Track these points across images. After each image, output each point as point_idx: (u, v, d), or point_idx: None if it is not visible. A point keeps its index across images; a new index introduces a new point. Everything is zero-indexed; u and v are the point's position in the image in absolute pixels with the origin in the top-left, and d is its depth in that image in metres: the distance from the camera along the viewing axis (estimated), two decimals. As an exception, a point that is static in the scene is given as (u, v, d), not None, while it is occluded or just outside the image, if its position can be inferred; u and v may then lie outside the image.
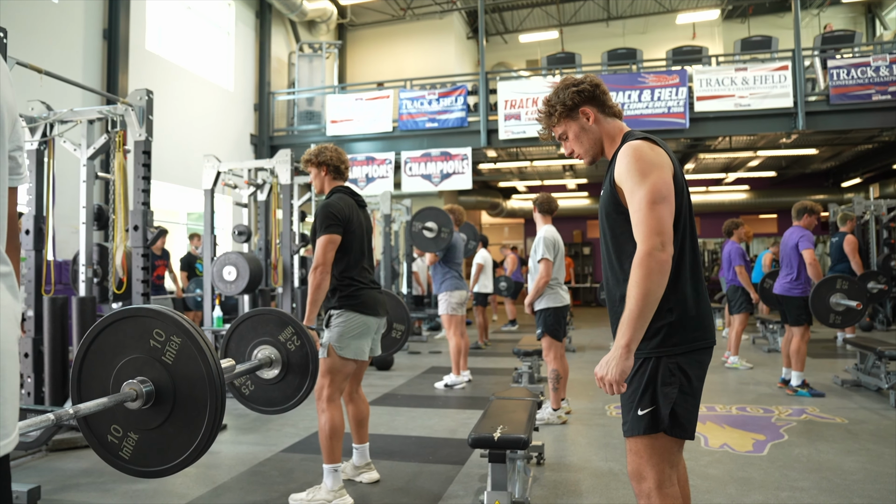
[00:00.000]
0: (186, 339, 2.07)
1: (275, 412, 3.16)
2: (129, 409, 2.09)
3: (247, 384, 3.14)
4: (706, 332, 1.91)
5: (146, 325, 2.11)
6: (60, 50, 8.24)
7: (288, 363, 3.05)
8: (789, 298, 5.77)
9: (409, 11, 15.77)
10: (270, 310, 3.14)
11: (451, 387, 6.37)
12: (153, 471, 2.15)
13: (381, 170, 12.26)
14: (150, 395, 2.07)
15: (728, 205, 17.95)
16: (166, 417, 2.09)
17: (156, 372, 2.08)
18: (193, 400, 2.07)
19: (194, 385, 2.07)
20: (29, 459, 3.99)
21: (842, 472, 3.60)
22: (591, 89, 2.06)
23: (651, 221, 1.76)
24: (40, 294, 4.30)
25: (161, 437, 2.12)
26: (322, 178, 3.50)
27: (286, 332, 3.04)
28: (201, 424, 2.08)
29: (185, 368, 2.07)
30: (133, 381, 2.06)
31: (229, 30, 12.34)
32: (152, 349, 2.09)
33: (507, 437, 2.76)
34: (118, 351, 2.13)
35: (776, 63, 10.96)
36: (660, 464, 1.85)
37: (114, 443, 2.16)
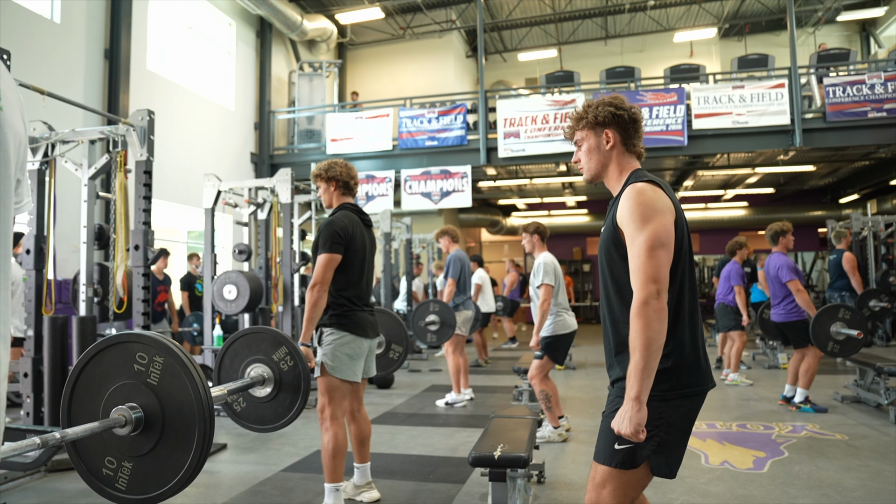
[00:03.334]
0: (169, 358, 2.08)
1: (266, 430, 3.16)
2: (120, 437, 2.09)
3: (238, 401, 3.15)
4: (703, 377, 1.91)
5: (129, 349, 2.12)
6: (62, 70, 8.31)
7: (280, 382, 3.06)
8: (790, 324, 5.75)
9: (409, 30, 15.91)
10: (265, 328, 3.15)
11: (451, 405, 6.35)
12: (152, 497, 2.13)
13: (381, 188, 12.31)
14: (140, 420, 2.08)
15: (727, 221, 18.00)
16: (157, 440, 2.09)
17: (143, 397, 2.09)
18: (182, 418, 2.07)
19: (181, 403, 2.07)
20: (28, 480, 3.98)
21: (842, 489, 3.59)
22: (626, 119, 2.05)
23: (648, 269, 1.78)
24: (40, 313, 4.30)
25: (155, 461, 2.11)
26: (331, 193, 3.51)
27: (280, 352, 3.05)
28: (192, 441, 2.08)
29: (171, 387, 2.08)
30: (122, 407, 2.07)
31: (230, 49, 12.44)
32: (137, 373, 2.10)
33: (507, 456, 2.76)
34: (105, 381, 2.13)
35: (773, 81, 11.04)
36: (622, 499, 1.84)
37: (109, 475, 2.15)
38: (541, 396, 4.80)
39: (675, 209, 1.91)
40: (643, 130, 2.10)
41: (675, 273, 1.88)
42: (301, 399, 3.02)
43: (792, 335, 5.79)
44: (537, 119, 11.54)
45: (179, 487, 2.12)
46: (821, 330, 5.61)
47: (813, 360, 5.70)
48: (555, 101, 11.65)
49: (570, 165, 13.34)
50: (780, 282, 5.71)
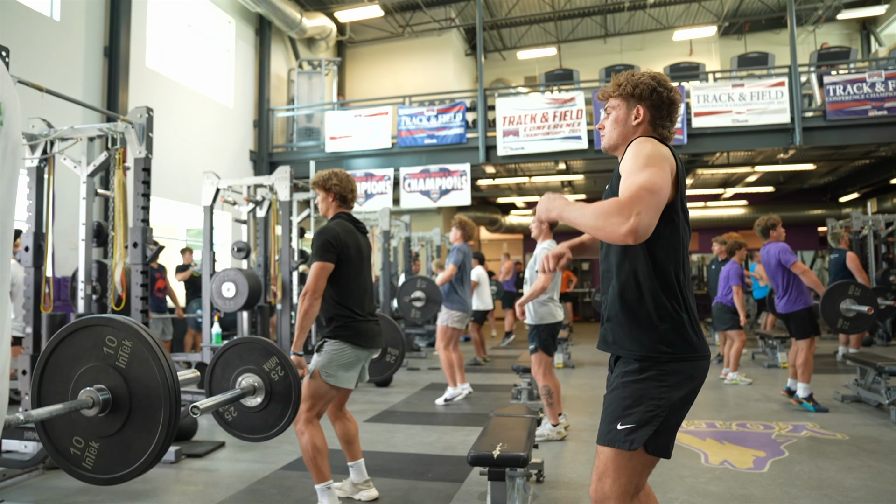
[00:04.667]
0: (137, 342, 2.11)
1: (257, 440, 3.16)
2: (88, 418, 2.11)
3: (230, 410, 3.15)
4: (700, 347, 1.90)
5: (99, 333, 2.15)
6: (61, 67, 8.28)
7: (271, 392, 3.06)
8: (795, 314, 5.73)
9: (408, 28, 15.89)
10: (256, 339, 3.16)
11: (450, 401, 6.35)
12: (116, 476, 2.16)
13: (379, 186, 12.30)
14: (107, 402, 2.11)
15: (726, 220, 17.97)
16: (124, 422, 2.12)
17: (111, 379, 2.11)
18: (149, 400, 2.10)
19: (149, 386, 2.10)
20: (26, 478, 3.97)
21: (843, 489, 3.58)
22: (664, 98, 1.98)
23: (635, 193, 1.68)
24: (39, 311, 4.29)
25: (121, 443, 2.13)
26: (328, 203, 3.49)
27: (271, 362, 3.05)
28: (158, 424, 2.10)
29: (138, 370, 2.10)
30: (90, 388, 2.10)
31: (229, 47, 12.42)
32: (106, 356, 2.13)
33: (506, 455, 2.75)
34: (75, 363, 2.17)
35: (773, 79, 11.03)
36: (625, 484, 1.83)
37: (76, 455, 2.19)
38: (543, 392, 4.79)
39: (679, 172, 1.88)
40: (675, 112, 2.02)
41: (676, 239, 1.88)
42: (292, 409, 3.02)
43: (796, 325, 5.76)
44: (536, 117, 11.52)
45: (145, 468, 2.14)
46: (830, 307, 5.61)
47: (807, 353, 5.69)
48: (554, 99, 11.63)
49: (569, 164, 13.34)
50: (781, 271, 5.68)
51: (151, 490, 3.76)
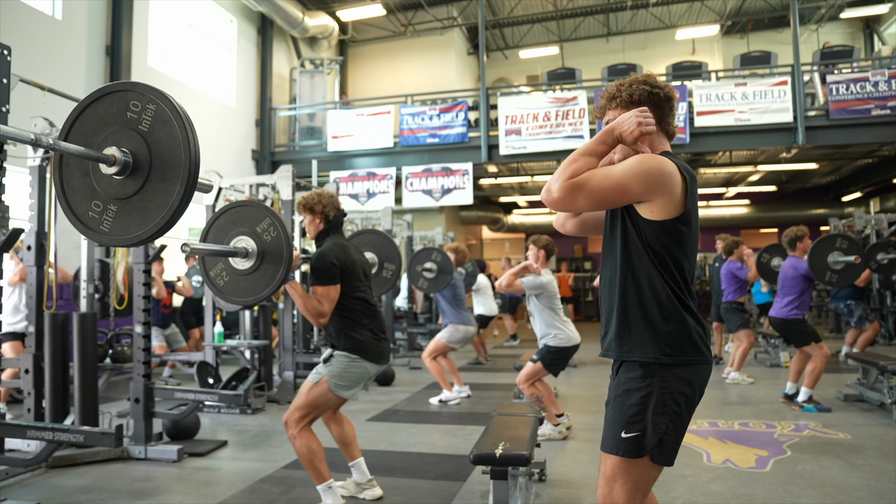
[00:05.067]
0: (161, 104, 2.10)
1: (249, 302, 3.17)
2: (107, 180, 2.13)
3: (221, 275, 3.16)
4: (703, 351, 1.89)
5: (123, 98, 2.14)
6: (63, 66, 8.29)
7: (263, 253, 3.07)
8: (787, 322, 5.72)
9: (410, 27, 15.88)
10: (250, 201, 3.17)
11: (445, 402, 6.34)
12: (133, 237, 2.16)
13: (381, 185, 12.30)
14: (128, 164, 2.10)
15: (729, 219, 17.96)
16: (143, 183, 2.12)
17: (134, 142, 2.11)
18: (169, 161, 2.10)
19: (170, 145, 2.10)
20: (28, 476, 3.97)
21: (845, 489, 3.58)
22: (662, 97, 1.99)
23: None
24: (41, 310, 4.29)
25: (139, 204, 2.14)
26: (316, 225, 3.49)
27: (264, 223, 3.07)
28: (176, 183, 2.09)
29: (160, 133, 2.10)
30: (112, 147, 2.10)
31: (231, 46, 12.42)
32: (130, 120, 2.13)
33: (508, 454, 2.75)
34: (99, 128, 2.17)
35: (775, 78, 11.02)
36: (633, 491, 1.82)
37: (94, 217, 2.21)
38: (531, 399, 4.79)
39: (689, 188, 1.87)
40: (676, 109, 2.05)
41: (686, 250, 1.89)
42: (284, 267, 3.02)
43: (791, 334, 5.77)
44: (539, 116, 11.52)
45: (160, 231, 2.13)
46: (818, 260, 5.63)
47: (820, 362, 5.64)
48: (556, 98, 11.63)
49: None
50: (801, 285, 5.68)
51: (154, 489, 3.77)
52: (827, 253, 5.63)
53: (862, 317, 8.39)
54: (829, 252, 5.63)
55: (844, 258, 5.54)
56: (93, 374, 4.53)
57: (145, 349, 4.45)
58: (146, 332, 4.49)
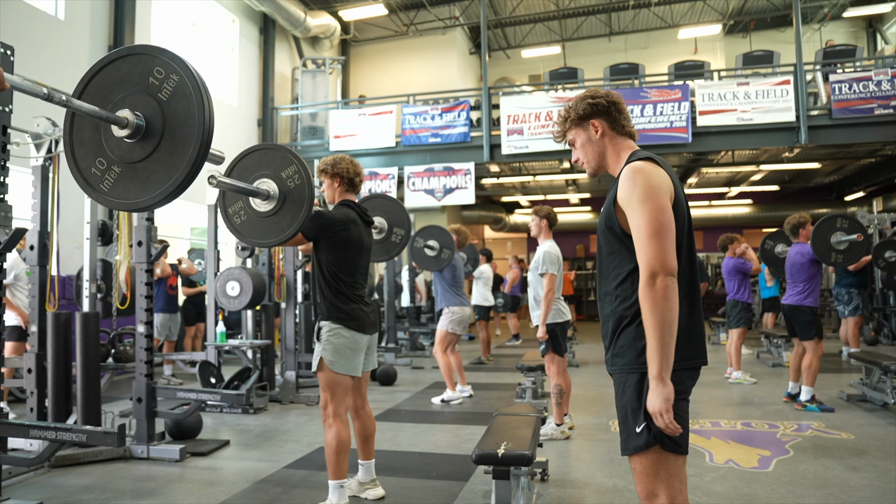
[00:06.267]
0: (185, 77, 2.08)
1: (263, 244, 3.17)
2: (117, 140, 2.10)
3: (239, 213, 3.14)
4: (697, 352, 1.92)
5: (148, 62, 2.12)
6: (66, 66, 8.30)
7: (285, 198, 3.06)
8: (799, 309, 5.71)
9: (412, 27, 15.88)
10: (278, 146, 3.16)
11: (447, 402, 6.34)
12: (130, 203, 2.15)
13: (384, 185, 12.31)
14: (140, 128, 2.07)
15: (731, 219, 17.93)
16: (151, 151, 2.09)
17: (150, 108, 2.09)
18: (181, 137, 2.07)
19: (184, 123, 2.07)
20: (31, 476, 3.98)
21: (848, 489, 3.57)
22: (606, 105, 2.09)
23: (650, 251, 1.80)
24: (44, 309, 4.30)
25: (143, 172, 2.11)
26: (335, 189, 3.49)
27: (289, 170, 3.05)
28: (183, 161, 2.07)
29: (178, 105, 2.07)
30: (126, 109, 2.07)
31: (233, 46, 12.43)
32: (150, 86, 2.10)
33: (510, 454, 2.75)
34: (118, 87, 2.14)
35: (778, 77, 11.00)
36: (668, 479, 1.84)
37: (96, 175, 2.18)
38: (555, 390, 4.79)
39: (674, 186, 1.92)
40: (627, 110, 2.13)
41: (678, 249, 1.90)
42: (304, 211, 3.01)
43: (799, 322, 5.74)
44: (541, 116, 11.51)
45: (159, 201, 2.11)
46: (821, 243, 5.63)
47: (814, 357, 5.67)
48: (558, 97, 11.62)
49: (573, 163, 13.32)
50: (807, 271, 5.68)
51: (156, 488, 3.77)
52: (829, 234, 5.63)
53: (857, 307, 8.42)
54: (830, 233, 5.63)
55: (847, 237, 5.55)
56: (95, 374, 4.53)
57: (148, 349, 4.45)
58: (148, 331, 4.49)
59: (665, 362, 1.77)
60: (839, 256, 5.67)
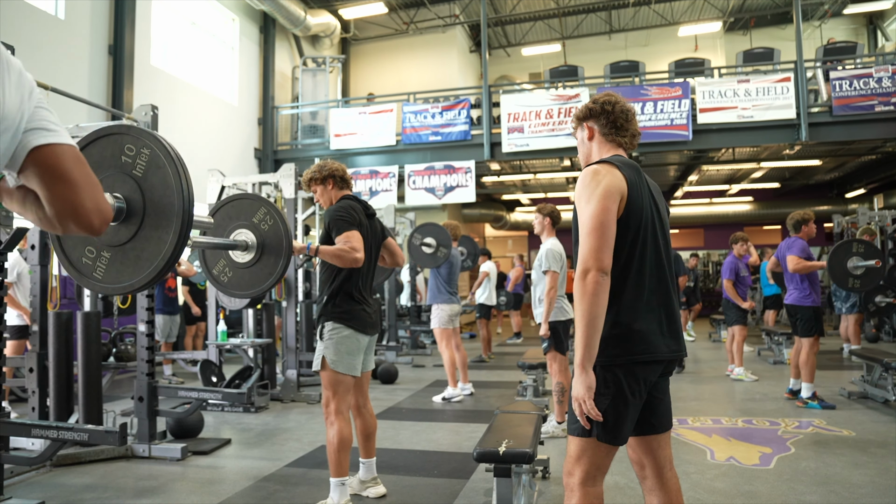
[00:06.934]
0: (155, 149, 2.09)
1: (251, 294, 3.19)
2: None
3: (224, 272, 3.16)
4: (650, 347, 1.97)
5: (118, 141, 2.12)
6: (66, 66, 8.30)
7: (263, 245, 3.08)
8: (801, 308, 5.72)
9: (412, 25, 15.87)
10: (245, 193, 3.20)
11: (448, 400, 6.34)
12: (125, 285, 2.15)
13: (384, 183, 12.30)
14: (122, 210, 2.08)
15: (732, 216, 17.92)
16: (137, 230, 2.10)
17: (127, 187, 2.09)
18: (162, 206, 2.08)
19: (163, 192, 2.08)
20: (34, 475, 3.99)
21: (849, 486, 3.57)
22: (598, 110, 2.20)
23: (586, 247, 1.91)
24: (45, 308, 4.30)
25: (132, 252, 2.12)
26: (329, 192, 3.48)
27: (259, 213, 3.07)
28: (170, 231, 2.08)
29: (154, 179, 2.08)
30: (106, 193, 2.08)
31: (233, 45, 12.42)
32: (124, 164, 2.10)
33: (512, 452, 2.75)
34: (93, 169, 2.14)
35: (779, 75, 10.98)
36: (587, 464, 1.98)
37: (87, 263, 2.18)
38: (556, 388, 4.78)
39: (631, 187, 2.00)
40: (624, 121, 2.20)
41: (623, 246, 1.98)
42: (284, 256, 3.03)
43: (802, 321, 5.74)
44: (541, 114, 11.50)
45: (152, 280, 2.12)
46: (839, 268, 5.61)
47: (810, 353, 5.69)
48: (559, 95, 11.61)
49: (573, 160, 13.32)
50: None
51: (158, 487, 3.77)
52: (846, 259, 5.60)
53: (856, 303, 8.43)
54: (847, 258, 5.60)
55: (864, 263, 5.52)
56: (97, 373, 4.54)
57: (149, 348, 4.46)
58: (150, 330, 4.50)
59: (587, 352, 1.87)
60: (856, 281, 5.65)
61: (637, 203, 2.00)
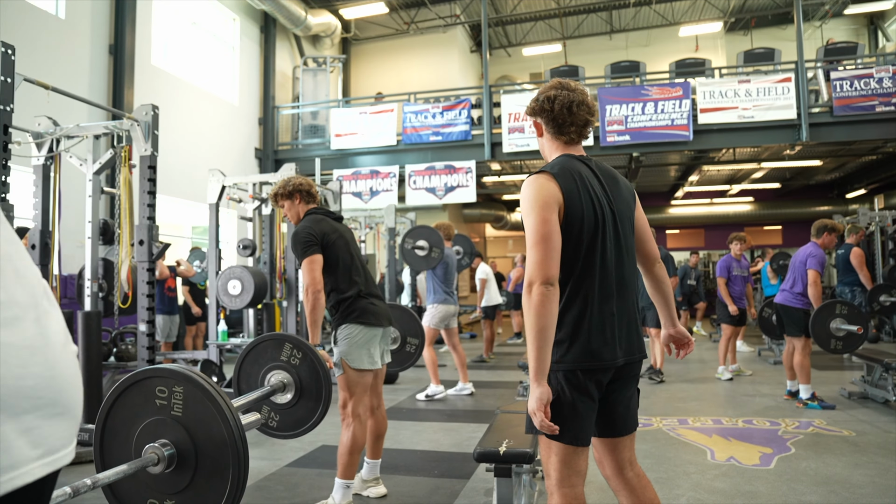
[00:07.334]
0: (186, 384, 2.05)
1: (304, 432, 3.20)
2: (156, 476, 2.04)
3: (272, 418, 3.17)
4: (596, 355, 1.95)
5: (146, 387, 2.09)
6: (67, 65, 8.31)
7: (300, 379, 3.09)
8: (789, 309, 5.73)
9: (413, 25, 15.87)
10: (263, 336, 3.20)
11: (431, 398, 6.36)
12: None
13: (385, 183, 12.30)
14: (173, 457, 2.03)
15: (732, 216, 17.93)
16: (194, 472, 2.05)
17: (172, 431, 2.05)
18: (213, 443, 2.03)
19: (209, 427, 2.03)
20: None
21: (850, 486, 3.57)
22: (538, 107, 2.14)
23: (529, 260, 1.90)
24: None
25: (196, 493, 2.06)
26: (296, 206, 3.51)
27: (286, 351, 3.07)
28: (228, 466, 2.03)
29: (195, 414, 2.04)
30: (153, 444, 2.03)
31: (234, 45, 12.43)
32: (161, 408, 2.07)
33: (512, 452, 2.75)
34: (131, 422, 2.09)
35: (779, 75, 10.98)
36: (558, 464, 1.96)
37: None
38: None
39: (567, 194, 1.95)
40: (568, 115, 2.10)
41: (568, 253, 1.96)
42: (323, 378, 3.06)
43: (788, 320, 5.76)
44: (542, 114, 11.47)
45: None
46: (821, 328, 5.59)
47: (803, 355, 5.69)
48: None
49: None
50: (805, 268, 5.66)
51: (158, 486, 3.77)
52: (829, 320, 5.58)
53: (861, 304, 8.41)
54: (830, 319, 5.58)
55: (846, 327, 5.52)
56: (97, 373, 4.53)
57: (150, 347, 4.46)
58: (150, 330, 4.50)
59: (539, 365, 1.85)
60: (838, 343, 5.63)
61: (576, 211, 1.95)
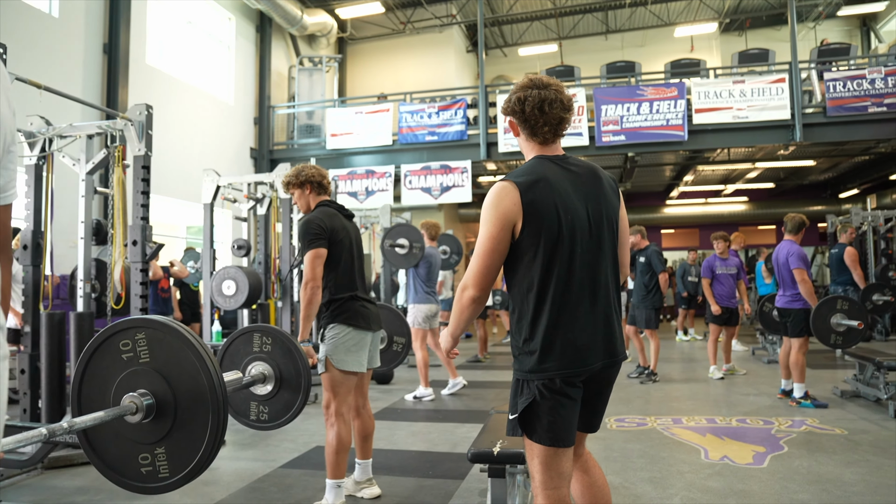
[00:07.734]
0: (147, 328, 2.04)
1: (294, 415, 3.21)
2: (137, 425, 2.04)
3: (262, 411, 3.19)
4: (562, 363, 1.96)
5: (111, 345, 2.08)
6: (60, 64, 8.28)
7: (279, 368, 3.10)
8: (792, 311, 5.75)
9: (409, 25, 15.86)
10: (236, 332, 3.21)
11: (419, 399, 6.36)
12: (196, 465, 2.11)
13: (380, 183, 12.29)
14: (151, 407, 2.03)
15: (727, 216, 17.96)
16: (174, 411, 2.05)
17: (147, 379, 2.04)
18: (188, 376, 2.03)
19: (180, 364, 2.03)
20: (24, 478, 3.97)
21: (842, 484, 3.58)
22: (512, 105, 2.11)
23: (472, 266, 2.01)
24: (37, 309, 4.29)
25: (179, 432, 2.07)
26: (307, 196, 3.50)
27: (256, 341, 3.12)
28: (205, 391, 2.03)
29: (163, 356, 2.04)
30: (132, 393, 2.02)
31: (230, 44, 12.40)
32: (128, 361, 2.06)
33: (506, 452, 2.75)
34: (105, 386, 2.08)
35: (773, 76, 11.02)
36: (539, 466, 1.99)
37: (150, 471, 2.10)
38: None
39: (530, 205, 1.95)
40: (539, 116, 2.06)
41: (533, 263, 1.97)
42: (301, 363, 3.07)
43: (793, 322, 5.77)
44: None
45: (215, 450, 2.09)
46: (821, 323, 5.61)
47: (798, 353, 5.71)
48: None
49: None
50: (789, 269, 5.69)
51: (151, 487, 3.76)
52: (829, 315, 5.60)
53: None
54: (831, 314, 5.60)
55: (847, 322, 5.54)
56: (90, 373, 4.51)
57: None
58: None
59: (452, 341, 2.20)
60: (838, 338, 5.65)
61: (539, 221, 1.95)
